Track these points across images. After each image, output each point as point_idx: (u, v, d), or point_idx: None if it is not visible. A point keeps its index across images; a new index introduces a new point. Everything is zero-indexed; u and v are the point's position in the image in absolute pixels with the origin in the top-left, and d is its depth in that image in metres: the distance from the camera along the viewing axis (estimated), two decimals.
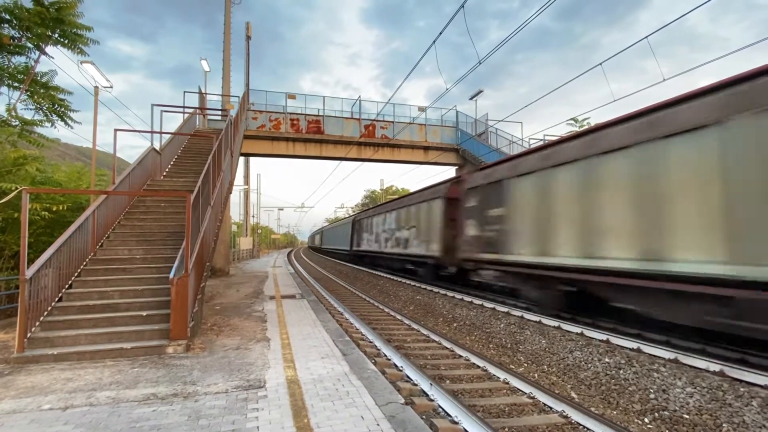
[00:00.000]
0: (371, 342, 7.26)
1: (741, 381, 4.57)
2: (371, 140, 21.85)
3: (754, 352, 5.39)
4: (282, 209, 76.90)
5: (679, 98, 6.20)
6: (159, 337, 5.81)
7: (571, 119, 22.74)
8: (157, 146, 11.36)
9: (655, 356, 5.55)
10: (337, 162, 22.96)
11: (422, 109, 23.07)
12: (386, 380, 4.54)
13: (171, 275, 5.78)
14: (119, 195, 8.68)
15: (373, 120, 22.04)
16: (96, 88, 11.71)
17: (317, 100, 21.93)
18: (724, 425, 3.98)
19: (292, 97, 21.51)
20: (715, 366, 4.96)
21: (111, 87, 11.54)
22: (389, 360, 6.11)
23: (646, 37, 7.65)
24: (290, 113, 21.15)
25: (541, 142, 17.24)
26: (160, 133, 12.11)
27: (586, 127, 19.31)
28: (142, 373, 4.71)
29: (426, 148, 22.86)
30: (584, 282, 7.41)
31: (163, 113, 12.86)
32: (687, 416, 4.25)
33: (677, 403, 4.46)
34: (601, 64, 8.91)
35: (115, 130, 9.47)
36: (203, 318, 7.85)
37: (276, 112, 20.96)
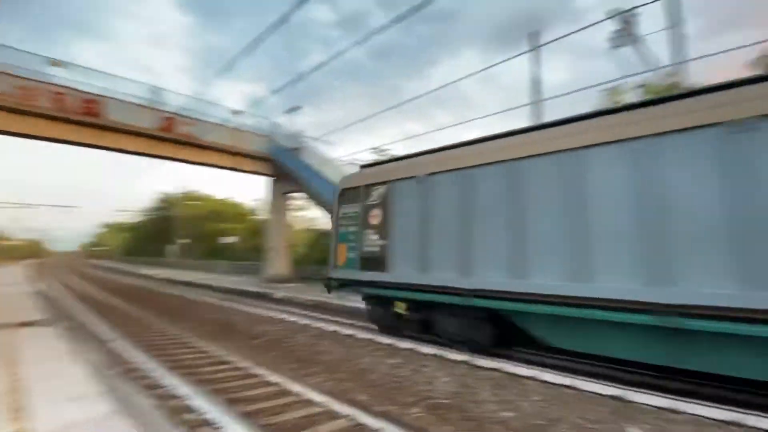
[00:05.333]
0: (150, 371, 6.17)
1: (480, 367, 5.92)
2: (169, 135, 19.07)
3: (521, 349, 7.08)
4: (31, 206, 57.54)
5: None
6: None
7: (374, 148, 25.72)
8: None
9: (425, 354, 6.64)
10: (120, 155, 19.08)
11: (236, 113, 21.73)
12: (165, 414, 3.92)
13: None
14: None
15: (175, 113, 19.37)
16: None
17: (100, 77, 17.79)
18: (471, 409, 5.05)
19: (58, 64, 16.73)
20: (463, 356, 6.30)
21: None
22: (171, 390, 5.30)
23: (435, 90, 9.40)
24: (54, 84, 16.43)
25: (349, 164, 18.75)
26: None
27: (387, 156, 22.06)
28: None
29: (236, 154, 21.52)
30: None
31: None
32: (446, 401, 5.21)
33: (439, 392, 5.43)
34: (399, 105, 10.44)
35: None
36: None
37: (30, 79, 15.90)
